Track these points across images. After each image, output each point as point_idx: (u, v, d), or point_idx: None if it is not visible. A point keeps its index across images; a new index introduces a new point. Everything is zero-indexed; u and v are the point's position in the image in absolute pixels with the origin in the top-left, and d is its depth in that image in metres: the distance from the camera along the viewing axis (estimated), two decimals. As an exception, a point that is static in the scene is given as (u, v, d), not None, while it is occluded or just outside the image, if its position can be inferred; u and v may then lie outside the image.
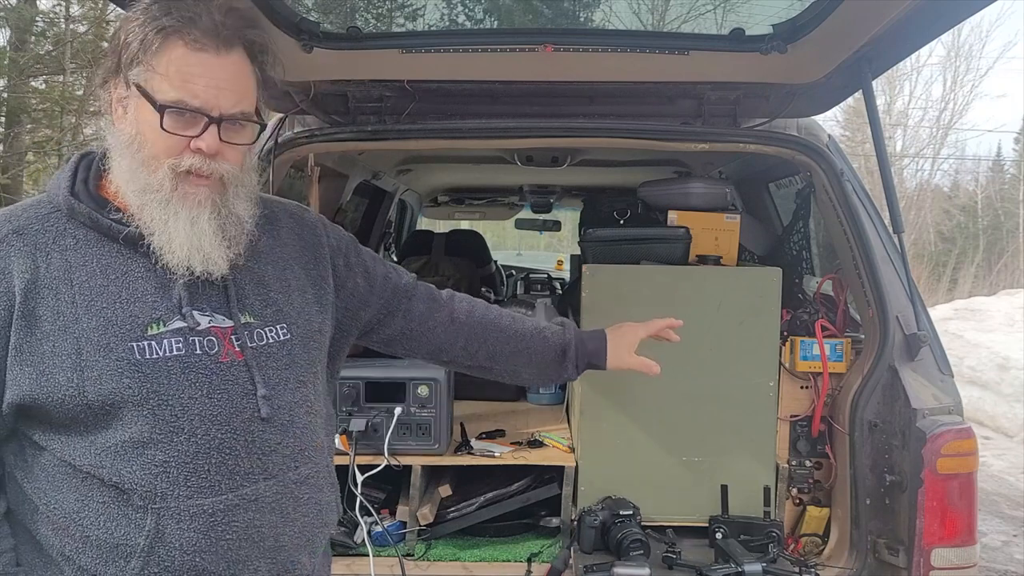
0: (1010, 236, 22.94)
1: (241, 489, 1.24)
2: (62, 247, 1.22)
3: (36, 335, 1.18)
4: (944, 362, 2.17)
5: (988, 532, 4.94)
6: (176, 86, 1.20)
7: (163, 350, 1.21)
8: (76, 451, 1.20)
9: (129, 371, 1.19)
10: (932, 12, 1.69)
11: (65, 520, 1.21)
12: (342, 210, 3.44)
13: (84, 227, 1.24)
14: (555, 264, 7.37)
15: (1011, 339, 8.24)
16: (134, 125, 1.23)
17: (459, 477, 2.49)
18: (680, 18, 2.20)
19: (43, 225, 1.23)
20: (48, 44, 11.94)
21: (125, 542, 1.19)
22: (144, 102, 1.21)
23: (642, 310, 2.29)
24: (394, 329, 1.61)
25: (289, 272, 1.41)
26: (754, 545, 2.19)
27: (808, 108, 2.28)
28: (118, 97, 1.25)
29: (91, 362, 1.18)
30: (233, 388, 1.25)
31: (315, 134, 2.29)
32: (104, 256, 1.23)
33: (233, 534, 1.23)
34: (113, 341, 1.19)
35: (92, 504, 1.20)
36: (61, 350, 1.18)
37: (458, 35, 2.16)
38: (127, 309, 1.21)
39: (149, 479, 1.19)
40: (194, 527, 1.21)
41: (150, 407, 1.19)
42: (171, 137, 1.21)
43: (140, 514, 1.19)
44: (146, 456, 1.19)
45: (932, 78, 37.65)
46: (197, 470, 1.21)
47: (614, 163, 3.50)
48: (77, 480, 1.20)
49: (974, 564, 2.05)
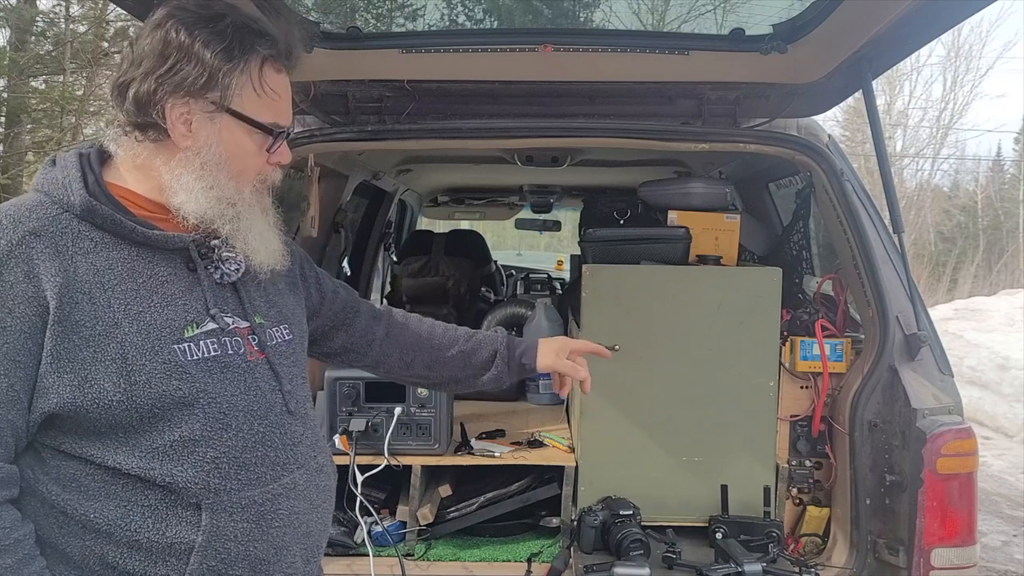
0: (1010, 236, 22.95)
1: (282, 479, 1.31)
2: (83, 250, 1.21)
3: (75, 341, 1.17)
4: (944, 362, 2.17)
5: (988, 532, 4.94)
6: (270, 108, 1.30)
7: (201, 351, 1.26)
8: (119, 456, 1.20)
9: (177, 373, 1.21)
10: (932, 12, 1.69)
11: (108, 527, 1.20)
12: (342, 210, 3.43)
13: (99, 229, 1.23)
14: (555, 264, 7.38)
15: (1011, 339, 8.24)
16: (218, 145, 1.27)
17: (459, 477, 2.49)
18: (680, 18, 2.20)
19: (57, 227, 1.21)
20: (48, 44, 11.93)
21: (179, 540, 1.22)
22: (234, 123, 1.27)
23: (642, 310, 2.30)
24: (337, 343, 1.70)
25: (274, 275, 1.45)
26: (754, 545, 2.19)
27: (808, 108, 2.28)
28: (180, 115, 1.25)
29: (138, 366, 1.19)
30: (264, 384, 1.32)
31: (315, 134, 2.29)
32: (127, 260, 1.24)
33: (279, 521, 1.30)
34: (157, 344, 1.21)
35: (137, 508, 1.21)
36: (104, 356, 1.18)
37: (458, 35, 2.16)
38: (163, 313, 1.24)
39: (202, 476, 1.22)
40: (246, 518, 1.26)
41: (200, 407, 1.23)
42: (263, 155, 1.32)
43: (192, 512, 1.22)
44: (197, 454, 1.23)
45: (932, 78, 37.79)
46: (245, 464, 1.27)
47: (614, 163, 3.50)
48: (118, 486, 1.20)
49: (974, 564, 2.05)
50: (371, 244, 4.35)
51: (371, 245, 4.35)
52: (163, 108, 1.24)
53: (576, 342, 1.80)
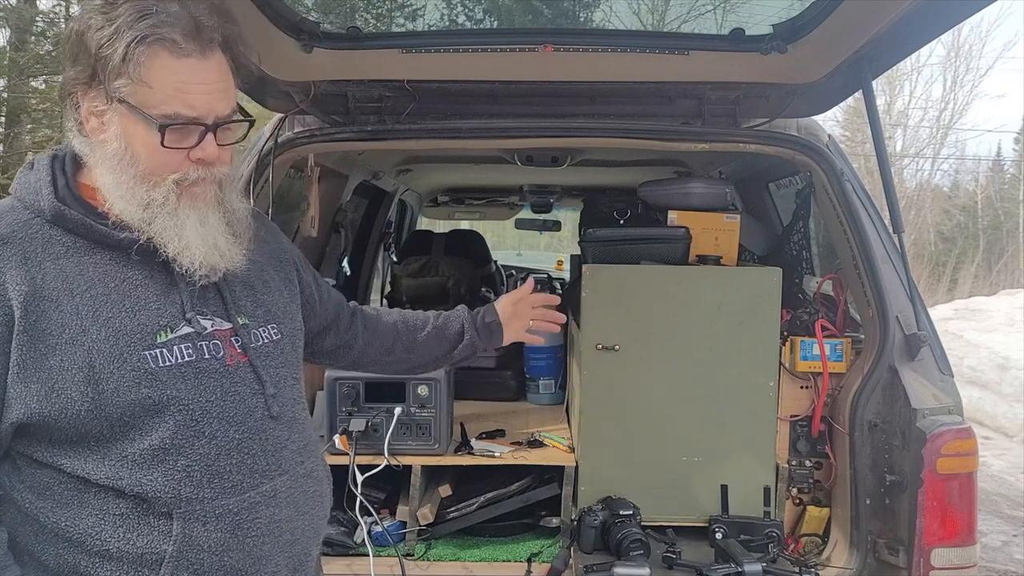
0: (1010, 236, 22.95)
1: (260, 487, 1.27)
2: (53, 255, 1.17)
3: (40, 350, 1.14)
4: (944, 362, 2.17)
5: (988, 532, 4.94)
6: (168, 98, 1.17)
7: (175, 357, 1.21)
8: (89, 465, 1.17)
9: (147, 380, 1.18)
10: (932, 12, 1.69)
11: (80, 536, 1.17)
12: (342, 210, 3.43)
13: (71, 234, 1.20)
14: (555, 264, 7.38)
15: (1011, 339, 8.24)
16: (120, 140, 1.19)
17: (459, 477, 2.49)
18: (680, 18, 2.20)
19: (27, 232, 1.17)
20: (48, 44, 11.93)
21: (150, 551, 1.18)
22: (132, 117, 1.17)
23: (642, 310, 2.30)
24: (328, 343, 1.71)
25: (266, 273, 1.43)
26: (754, 545, 2.19)
27: (808, 108, 2.28)
28: (92, 109, 1.20)
29: (106, 374, 1.15)
30: (243, 389, 1.27)
31: (315, 134, 2.29)
32: (99, 264, 1.20)
33: (257, 530, 1.26)
34: (126, 351, 1.17)
35: (108, 517, 1.18)
36: (71, 364, 1.14)
37: (458, 35, 2.16)
38: (134, 318, 1.19)
39: (172, 485, 1.19)
40: (220, 527, 1.22)
41: (170, 414, 1.19)
42: (170, 152, 1.19)
43: (164, 521, 1.19)
44: (168, 463, 1.19)
45: (932, 78, 37.79)
46: (219, 471, 1.23)
47: (614, 163, 3.50)
48: (89, 495, 1.18)
49: (974, 564, 2.05)
50: (371, 244, 4.35)
51: (371, 245, 4.35)
52: (77, 101, 1.20)
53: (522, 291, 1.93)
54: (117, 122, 1.19)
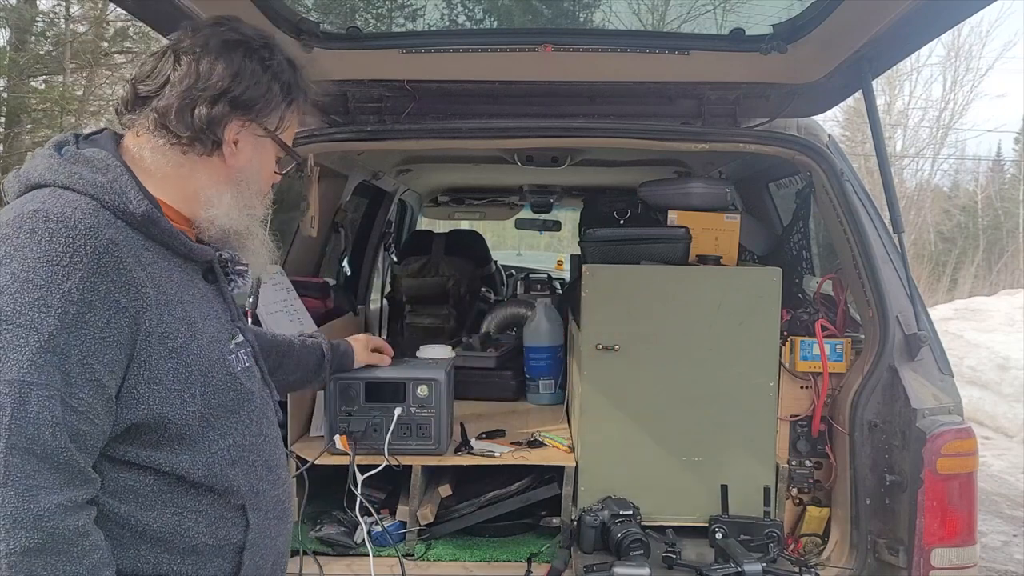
0: (1010, 236, 22.96)
1: (286, 478, 1.46)
2: (145, 261, 1.19)
3: (160, 352, 1.19)
4: (944, 362, 2.17)
5: (988, 532, 4.94)
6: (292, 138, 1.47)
7: (241, 362, 1.35)
8: (185, 463, 1.23)
9: (233, 383, 1.30)
10: (932, 12, 1.69)
11: (166, 534, 1.22)
12: (342, 210, 3.43)
13: (150, 240, 1.22)
14: (555, 264, 7.38)
15: (1011, 339, 8.25)
16: (258, 165, 1.38)
17: (459, 477, 2.49)
18: (680, 18, 2.20)
19: (123, 236, 1.17)
20: (48, 44, 11.94)
21: (228, 541, 1.29)
22: (267, 146, 1.39)
23: (642, 310, 2.30)
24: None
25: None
26: (754, 545, 2.19)
27: (808, 108, 2.28)
28: (234, 134, 1.33)
29: (211, 377, 1.26)
30: (265, 393, 1.43)
31: (315, 134, 2.29)
32: (176, 271, 1.26)
33: (289, 516, 1.45)
34: (219, 355, 1.28)
35: (190, 514, 1.24)
36: (187, 367, 1.22)
37: (458, 35, 2.16)
38: (214, 325, 1.31)
39: (249, 479, 1.32)
40: (274, 515, 1.38)
41: (245, 413, 1.32)
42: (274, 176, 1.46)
43: (237, 512, 1.30)
44: (245, 459, 1.32)
45: (932, 78, 37.83)
46: (272, 465, 1.39)
47: (614, 163, 3.50)
48: (173, 494, 1.23)
49: (974, 564, 2.05)
50: (371, 244, 4.35)
51: (371, 245, 4.35)
52: (225, 126, 1.31)
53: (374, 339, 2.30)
54: (252, 148, 1.36)
